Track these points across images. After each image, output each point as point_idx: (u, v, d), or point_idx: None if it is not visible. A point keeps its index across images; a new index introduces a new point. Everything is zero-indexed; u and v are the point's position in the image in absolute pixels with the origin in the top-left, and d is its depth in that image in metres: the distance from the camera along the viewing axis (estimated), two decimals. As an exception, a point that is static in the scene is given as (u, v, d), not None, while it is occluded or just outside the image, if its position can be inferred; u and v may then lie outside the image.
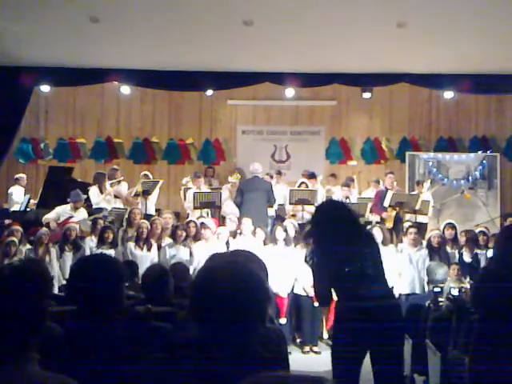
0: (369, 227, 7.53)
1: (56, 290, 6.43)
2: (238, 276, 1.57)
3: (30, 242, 7.43)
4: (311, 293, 6.81)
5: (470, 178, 11.55)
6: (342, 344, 3.62)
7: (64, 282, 6.41)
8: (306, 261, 3.81)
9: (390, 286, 6.89)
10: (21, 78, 9.43)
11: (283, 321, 6.87)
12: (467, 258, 7.28)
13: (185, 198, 9.51)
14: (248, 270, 1.60)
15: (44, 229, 7.53)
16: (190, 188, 9.63)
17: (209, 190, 9.45)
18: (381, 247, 6.82)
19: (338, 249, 3.61)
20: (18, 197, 9.84)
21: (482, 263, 7.14)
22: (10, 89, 9.62)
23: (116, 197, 9.41)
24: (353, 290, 3.60)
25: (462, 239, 7.41)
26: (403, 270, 7.07)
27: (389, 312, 3.59)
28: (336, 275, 3.71)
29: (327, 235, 3.65)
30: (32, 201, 9.75)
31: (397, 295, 6.94)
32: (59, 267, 7.10)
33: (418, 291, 7.01)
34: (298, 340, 7.18)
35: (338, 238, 3.62)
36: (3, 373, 1.54)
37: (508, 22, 7.55)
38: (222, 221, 8.67)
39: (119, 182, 9.62)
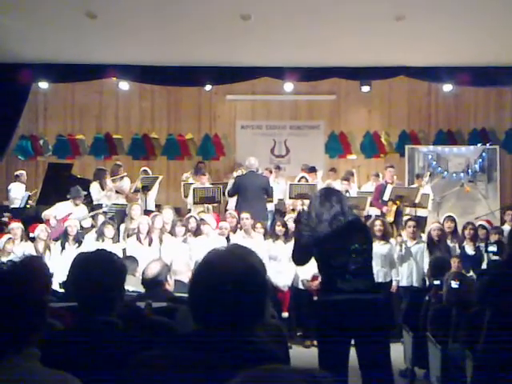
0: (370, 221, 7.55)
1: (57, 287, 6.45)
2: (237, 270, 1.57)
3: (30, 238, 7.44)
4: (309, 286, 6.83)
5: (470, 170, 11.55)
6: (326, 336, 3.68)
7: (65, 279, 6.41)
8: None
9: (388, 279, 6.97)
10: (19, 75, 9.41)
11: (285, 315, 6.89)
12: (470, 250, 7.29)
13: (185, 194, 9.51)
14: (247, 264, 1.60)
15: (44, 225, 7.54)
16: (191, 184, 9.61)
17: (209, 186, 9.44)
18: (382, 241, 6.93)
19: (327, 241, 3.64)
20: (18, 193, 9.84)
21: (485, 256, 7.16)
22: (9, 86, 9.60)
23: (118, 193, 9.40)
24: (337, 283, 3.63)
25: (466, 232, 7.41)
26: (402, 263, 7.10)
27: (371, 306, 3.63)
28: (322, 268, 3.76)
29: (318, 226, 3.68)
30: (32, 197, 9.74)
31: (395, 288, 7.01)
32: (60, 264, 7.12)
33: (416, 284, 7.03)
34: (299, 334, 7.19)
35: (328, 231, 3.65)
36: (4, 369, 1.54)
37: (507, 15, 7.53)
38: (222, 216, 8.67)
39: (122, 177, 9.62)
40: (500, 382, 3.25)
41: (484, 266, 7.11)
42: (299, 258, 3.98)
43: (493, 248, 6.80)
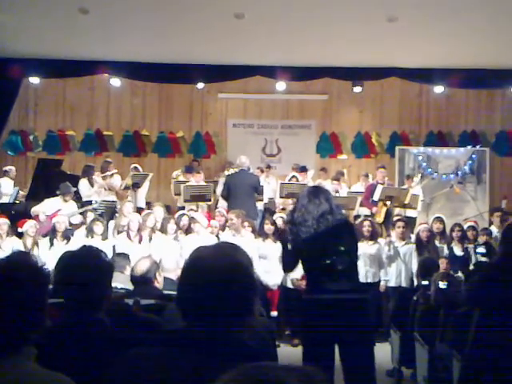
0: (358, 221, 7.57)
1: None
2: (224, 267, 1.57)
3: (18, 234, 7.39)
4: (298, 285, 6.84)
5: (460, 172, 11.63)
6: (310, 337, 3.69)
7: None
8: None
9: (377, 279, 7.00)
10: (9, 70, 9.35)
11: (274, 314, 6.89)
12: (458, 251, 7.33)
13: (175, 192, 9.48)
14: (235, 262, 1.60)
15: (32, 221, 7.49)
16: (181, 181, 9.57)
17: (199, 184, 9.42)
18: (371, 241, 6.96)
19: (312, 240, 3.64)
20: (7, 189, 9.78)
21: (472, 257, 7.20)
22: (-1, 80, 9.55)
23: (109, 189, 9.37)
24: (321, 283, 3.64)
25: (454, 233, 7.45)
26: (391, 263, 7.13)
27: (355, 307, 3.64)
28: (307, 267, 3.76)
29: (304, 224, 3.68)
30: (21, 192, 9.69)
31: (383, 288, 7.04)
32: (48, 260, 7.07)
33: (404, 284, 7.07)
34: (287, 332, 7.20)
35: (314, 229, 3.65)
36: (2, 369, 1.52)
37: (498, 17, 7.58)
38: (213, 214, 8.65)
39: (112, 174, 9.58)
40: (487, 382, 3.27)
41: (472, 267, 7.15)
42: (288, 264, 3.94)
43: (481, 249, 6.84)
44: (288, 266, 3.99)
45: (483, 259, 6.60)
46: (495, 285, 3.37)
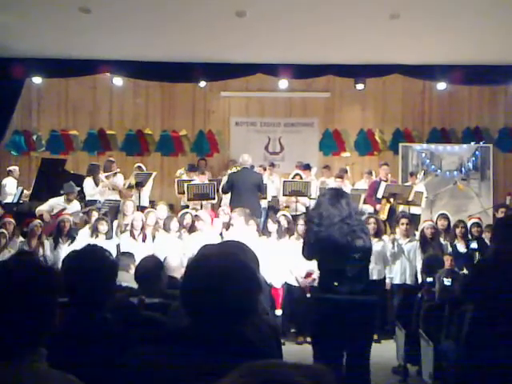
0: (362, 218, 7.55)
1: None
2: (229, 266, 1.57)
3: (22, 233, 7.41)
4: (303, 283, 6.83)
5: (463, 168, 11.60)
6: (320, 335, 3.73)
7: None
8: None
9: (382, 277, 7.00)
10: (12, 70, 9.36)
11: (279, 312, 6.89)
12: (462, 248, 7.31)
13: (178, 190, 9.49)
14: (239, 261, 1.60)
15: (37, 221, 7.51)
16: (185, 180, 9.58)
17: (204, 182, 9.42)
18: (375, 239, 6.94)
19: (331, 242, 3.67)
20: (11, 189, 9.80)
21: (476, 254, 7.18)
22: (2, 80, 9.56)
23: (113, 189, 9.38)
24: (332, 284, 3.68)
25: (458, 230, 7.42)
26: (395, 260, 7.11)
27: (362, 308, 3.70)
28: (321, 267, 3.81)
29: (324, 226, 3.71)
30: (25, 191, 9.71)
31: (388, 285, 7.04)
32: (53, 259, 7.09)
33: (409, 282, 7.05)
34: (292, 330, 7.20)
35: (333, 232, 3.69)
36: (12, 369, 1.52)
37: (500, 14, 7.55)
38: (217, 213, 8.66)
39: (115, 173, 9.59)
40: (487, 376, 3.28)
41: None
42: (309, 254, 4.00)
43: (474, 245, 6.83)
44: (310, 256, 4.04)
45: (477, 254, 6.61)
46: (487, 280, 3.39)
